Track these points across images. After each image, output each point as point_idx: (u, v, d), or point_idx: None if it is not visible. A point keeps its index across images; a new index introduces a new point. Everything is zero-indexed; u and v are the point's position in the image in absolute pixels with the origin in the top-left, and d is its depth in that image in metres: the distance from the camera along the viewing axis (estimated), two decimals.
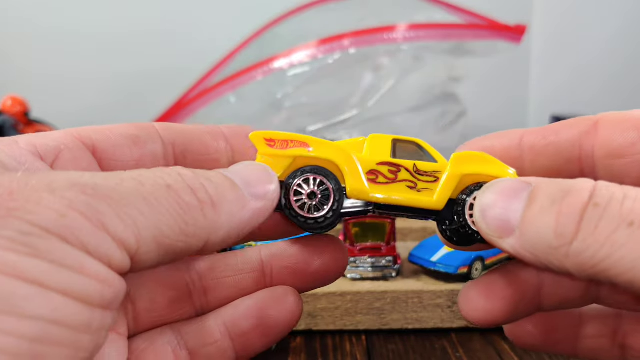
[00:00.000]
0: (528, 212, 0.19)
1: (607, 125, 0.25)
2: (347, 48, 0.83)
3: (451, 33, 0.82)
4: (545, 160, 0.24)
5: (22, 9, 1.28)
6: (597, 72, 1.31)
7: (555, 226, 0.18)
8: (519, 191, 0.20)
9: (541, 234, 0.19)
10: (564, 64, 1.31)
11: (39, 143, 0.22)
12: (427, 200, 0.24)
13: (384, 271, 0.50)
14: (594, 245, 0.17)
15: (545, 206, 0.19)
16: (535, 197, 0.19)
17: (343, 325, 0.49)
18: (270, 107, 0.89)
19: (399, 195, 0.24)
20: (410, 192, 0.24)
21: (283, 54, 0.83)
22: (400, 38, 0.82)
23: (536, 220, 0.19)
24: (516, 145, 0.25)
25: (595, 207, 0.18)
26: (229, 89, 0.84)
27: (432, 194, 0.24)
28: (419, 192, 0.24)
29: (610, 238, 0.17)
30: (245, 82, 0.83)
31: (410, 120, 0.91)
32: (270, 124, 0.89)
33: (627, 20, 1.29)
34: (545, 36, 1.30)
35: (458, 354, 0.45)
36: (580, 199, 0.18)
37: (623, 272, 0.17)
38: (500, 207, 0.20)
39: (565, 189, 0.19)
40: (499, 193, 0.21)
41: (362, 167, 0.24)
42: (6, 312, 0.15)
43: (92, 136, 0.25)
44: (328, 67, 0.84)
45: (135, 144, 0.25)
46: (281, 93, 0.86)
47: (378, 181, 0.24)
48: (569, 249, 0.18)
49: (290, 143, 0.24)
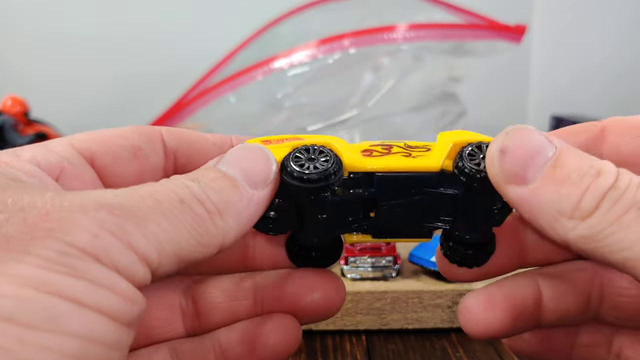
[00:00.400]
0: (552, 174, 0.20)
1: (615, 131, 0.24)
2: (347, 48, 0.83)
3: (451, 33, 0.82)
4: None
5: (22, 9, 1.28)
6: (598, 72, 1.31)
7: (578, 200, 0.19)
8: (544, 147, 0.20)
9: (559, 200, 0.19)
10: (564, 64, 1.31)
11: (41, 159, 0.22)
12: (425, 162, 0.24)
13: (384, 271, 0.50)
14: (603, 222, 0.18)
15: (574, 178, 0.19)
16: (563, 164, 0.20)
17: (343, 325, 0.49)
18: (270, 107, 0.89)
19: (395, 163, 0.24)
20: (405, 159, 0.24)
21: (283, 54, 0.83)
22: (400, 38, 0.82)
23: (559, 186, 0.20)
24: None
25: (615, 189, 0.19)
26: (229, 89, 0.84)
27: (427, 159, 0.24)
28: (415, 158, 0.24)
29: (621, 218, 0.18)
30: (245, 82, 0.83)
31: (410, 120, 0.91)
32: (270, 124, 0.89)
33: (627, 20, 1.29)
34: (545, 36, 1.30)
35: (458, 354, 0.45)
36: (608, 182, 0.19)
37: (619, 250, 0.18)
38: (522, 154, 0.20)
39: (596, 167, 0.20)
40: (525, 140, 0.21)
41: (356, 149, 0.25)
42: (50, 330, 0.15)
43: (92, 148, 0.24)
44: (328, 67, 0.84)
45: (135, 157, 0.25)
46: (281, 93, 0.86)
47: (373, 155, 0.25)
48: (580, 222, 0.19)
49: (285, 139, 0.25)
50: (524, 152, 0.20)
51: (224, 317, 0.27)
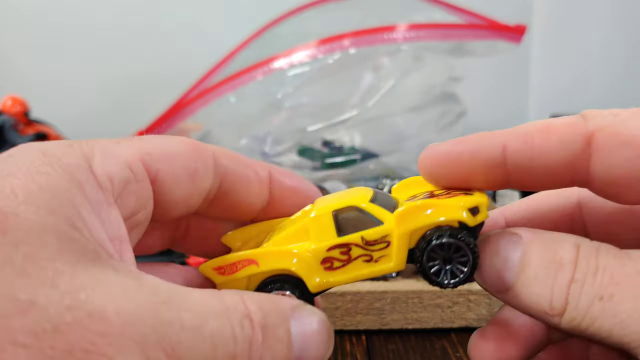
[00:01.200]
0: (522, 277, 0.21)
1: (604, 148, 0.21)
2: (347, 48, 0.83)
3: (451, 33, 0.82)
4: (532, 181, 0.23)
5: (21, 9, 1.28)
6: (598, 72, 1.31)
7: (550, 299, 0.20)
8: (510, 256, 0.21)
9: (536, 302, 0.21)
10: (564, 64, 1.31)
11: (114, 173, 0.20)
12: (387, 267, 0.24)
13: None
14: (578, 316, 0.20)
15: (541, 277, 0.21)
16: (529, 262, 0.21)
17: (343, 325, 0.49)
18: (271, 107, 0.89)
19: (359, 272, 0.24)
20: (369, 266, 0.24)
21: (283, 54, 0.83)
22: (400, 38, 0.82)
23: (530, 288, 0.21)
24: (499, 160, 0.22)
25: (575, 283, 0.20)
26: (229, 89, 0.84)
27: (390, 260, 0.23)
28: (377, 262, 0.24)
29: (588, 311, 0.20)
30: (245, 82, 0.83)
31: (410, 120, 0.91)
32: (270, 124, 0.89)
33: (627, 20, 1.29)
34: (545, 36, 1.30)
35: (458, 354, 0.45)
36: (567, 276, 0.20)
37: (606, 337, 0.20)
38: (492, 270, 0.22)
39: (555, 259, 0.21)
40: (493, 255, 0.22)
41: (314, 260, 0.24)
42: None
43: (158, 166, 0.23)
44: (328, 67, 0.84)
45: (192, 179, 0.24)
46: (281, 93, 0.86)
47: (335, 267, 0.24)
48: (561, 319, 0.20)
49: (239, 264, 0.25)
50: (493, 269, 0.22)
51: None
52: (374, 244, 0.23)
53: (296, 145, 0.88)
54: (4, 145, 1.05)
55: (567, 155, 0.21)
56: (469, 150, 0.23)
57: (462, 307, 0.48)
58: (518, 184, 0.23)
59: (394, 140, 0.94)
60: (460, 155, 0.23)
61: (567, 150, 0.21)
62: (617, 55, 1.30)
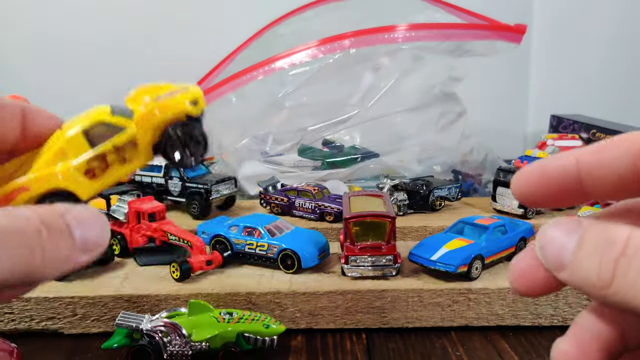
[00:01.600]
0: (577, 254, 0.23)
1: None
2: (347, 48, 0.83)
3: (451, 33, 0.82)
4: (604, 184, 0.25)
5: (22, 11, 1.29)
6: (597, 72, 1.31)
7: (598, 272, 0.22)
8: (571, 232, 0.23)
9: (587, 276, 0.23)
10: (564, 64, 1.31)
11: None
12: (139, 162, 0.28)
13: (384, 270, 0.51)
14: (625, 288, 0.21)
15: (591, 252, 0.22)
16: (584, 241, 0.23)
17: (343, 324, 0.49)
18: (271, 107, 0.89)
19: (118, 173, 0.27)
20: (124, 167, 0.27)
21: (284, 54, 0.84)
22: (400, 38, 0.82)
23: (583, 263, 0.23)
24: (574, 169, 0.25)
25: (625, 257, 0.21)
26: (229, 88, 0.84)
27: (140, 156, 0.27)
28: (130, 161, 0.27)
29: (635, 283, 0.21)
30: (246, 81, 0.84)
31: (410, 120, 0.92)
32: (271, 123, 0.90)
33: (627, 20, 1.29)
34: (545, 36, 1.30)
35: (458, 352, 0.45)
36: (616, 250, 0.22)
37: None
38: (555, 246, 0.24)
39: (608, 238, 0.22)
40: (555, 232, 0.24)
41: (78, 174, 0.28)
42: None
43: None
44: (328, 67, 0.84)
45: None
46: (282, 93, 0.86)
47: (97, 175, 0.28)
48: (608, 290, 0.22)
49: (11, 195, 0.28)
50: (556, 243, 0.24)
51: None
52: (124, 147, 0.27)
53: (297, 145, 0.89)
54: None
55: (631, 158, 0.23)
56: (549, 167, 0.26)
57: (462, 305, 0.49)
58: (594, 194, 0.25)
59: (394, 140, 0.95)
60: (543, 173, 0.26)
61: (630, 152, 0.23)
62: (617, 55, 1.30)
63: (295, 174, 0.83)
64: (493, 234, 0.54)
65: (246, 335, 0.44)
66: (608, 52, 1.29)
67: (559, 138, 0.97)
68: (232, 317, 0.45)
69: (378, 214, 0.51)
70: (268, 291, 0.48)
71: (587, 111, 1.17)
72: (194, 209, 0.70)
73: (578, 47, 1.29)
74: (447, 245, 0.52)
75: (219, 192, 0.71)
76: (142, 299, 0.48)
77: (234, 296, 0.48)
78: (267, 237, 0.54)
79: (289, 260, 0.53)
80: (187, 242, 0.54)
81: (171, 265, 0.52)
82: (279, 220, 0.58)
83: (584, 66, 1.30)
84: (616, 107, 1.30)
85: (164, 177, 0.73)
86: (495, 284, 0.50)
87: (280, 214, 0.71)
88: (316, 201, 0.69)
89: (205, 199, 0.70)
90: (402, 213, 0.71)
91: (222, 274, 0.53)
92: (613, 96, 1.30)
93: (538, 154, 0.74)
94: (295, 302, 0.48)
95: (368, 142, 0.93)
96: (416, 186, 0.72)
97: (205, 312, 0.45)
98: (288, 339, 0.47)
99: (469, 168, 0.90)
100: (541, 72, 1.32)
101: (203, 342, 0.43)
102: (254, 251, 0.55)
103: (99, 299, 0.48)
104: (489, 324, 0.49)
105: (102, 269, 0.55)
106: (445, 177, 0.84)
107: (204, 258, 0.52)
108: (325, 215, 0.68)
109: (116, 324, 0.44)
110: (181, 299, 0.48)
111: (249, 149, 0.88)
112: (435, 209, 0.72)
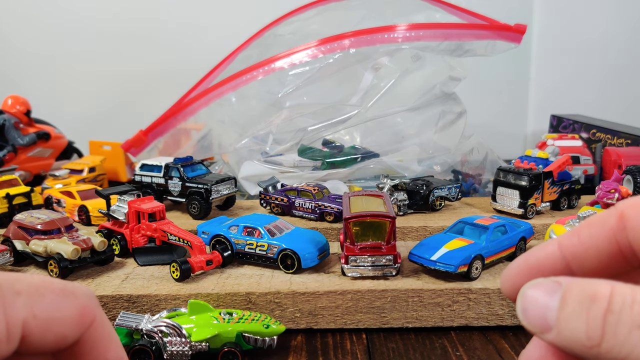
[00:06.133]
0: (561, 313, 0.23)
1: (633, 217, 0.25)
2: (347, 48, 0.83)
3: (451, 33, 0.82)
4: (590, 263, 0.26)
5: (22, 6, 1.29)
6: (597, 72, 1.31)
7: (586, 330, 0.22)
8: (552, 292, 0.23)
9: (575, 335, 0.22)
10: (564, 64, 1.31)
11: None
12: None
13: (384, 270, 0.51)
14: (616, 345, 0.21)
15: (575, 310, 0.22)
16: (567, 300, 0.23)
17: (343, 324, 0.49)
18: (271, 107, 0.89)
19: None
20: None
21: (284, 54, 0.84)
22: (400, 38, 0.82)
23: (569, 323, 0.23)
24: (559, 255, 0.26)
25: (612, 313, 0.21)
26: (229, 88, 0.85)
27: None
28: None
29: (627, 339, 0.21)
30: (246, 81, 0.84)
31: (410, 120, 0.92)
32: (271, 123, 0.89)
33: (627, 21, 1.29)
34: (545, 36, 1.30)
35: (458, 352, 0.45)
36: (601, 306, 0.22)
37: None
38: (537, 307, 0.24)
39: (590, 294, 0.22)
40: (535, 293, 0.24)
41: None
42: None
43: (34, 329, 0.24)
44: (328, 67, 0.84)
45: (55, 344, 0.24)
46: (282, 93, 0.86)
47: None
48: (599, 349, 0.22)
49: None
50: (539, 305, 0.23)
51: None
52: None
53: (297, 145, 0.88)
54: (5, 144, 1.05)
55: (606, 232, 0.25)
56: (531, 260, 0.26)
57: (462, 305, 0.49)
58: (581, 274, 0.26)
59: (394, 140, 0.95)
60: (528, 270, 0.26)
61: (606, 227, 0.25)
62: (617, 55, 1.30)
63: (295, 174, 0.83)
64: (493, 234, 0.54)
65: (246, 335, 0.44)
66: (608, 52, 1.29)
67: (559, 138, 0.97)
68: (232, 317, 0.45)
69: (378, 214, 0.51)
70: (268, 291, 0.48)
71: (587, 111, 1.18)
72: (194, 209, 0.71)
73: (578, 47, 1.29)
74: (447, 245, 0.52)
75: (219, 192, 0.71)
76: (142, 299, 0.48)
77: (233, 296, 0.48)
78: (267, 237, 0.54)
79: (289, 260, 0.53)
80: (187, 242, 0.54)
81: (171, 265, 0.52)
82: (279, 220, 0.58)
83: (584, 66, 1.30)
84: (616, 107, 1.30)
85: (164, 177, 0.73)
86: (495, 284, 0.50)
87: (280, 214, 0.71)
88: (316, 201, 0.69)
89: (205, 199, 0.70)
90: (402, 213, 0.71)
91: (222, 274, 0.53)
92: (613, 96, 1.30)
93: (538, 154, 0.74)
94: (295, 302, 0.48)
95: (368, 142, 0.93)
96: (416, 186, 0.72)
97: (205, 312, 0.45)
98: (288, 339, 0.47)
99: (469, 168, 0.90)
100: (541, 72, 1.32)
101: (203, 342, 0.43)
102: (254, 251, 0.55)
103: (99, 298, 0.48)
104: (489, 324, 0.49)
105: (102, 269, 0.55)
106: (445, 177, 0.84)
107: (204, 258, 0.52)
108: (325, 215, 0.68)
109: (116, 323, 0.44)
110: (181, 299, 0.48)
111: (249, 149, 0.88)
112: (435, 209, 0.73)
